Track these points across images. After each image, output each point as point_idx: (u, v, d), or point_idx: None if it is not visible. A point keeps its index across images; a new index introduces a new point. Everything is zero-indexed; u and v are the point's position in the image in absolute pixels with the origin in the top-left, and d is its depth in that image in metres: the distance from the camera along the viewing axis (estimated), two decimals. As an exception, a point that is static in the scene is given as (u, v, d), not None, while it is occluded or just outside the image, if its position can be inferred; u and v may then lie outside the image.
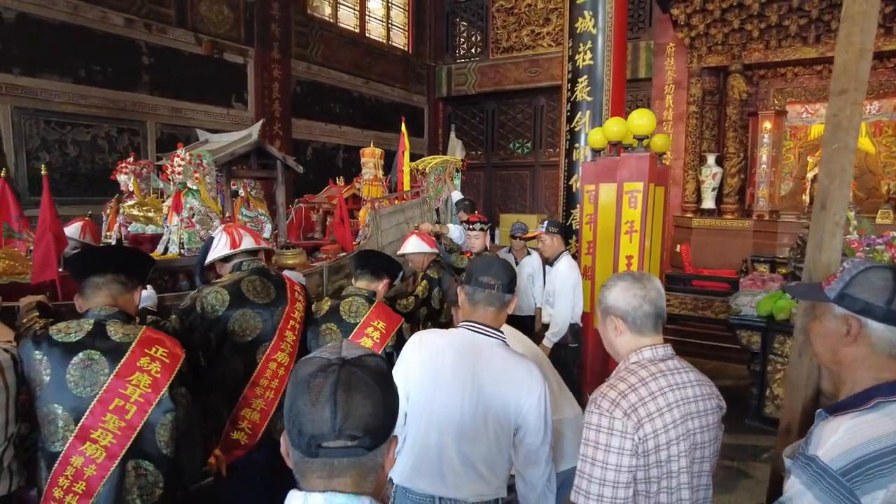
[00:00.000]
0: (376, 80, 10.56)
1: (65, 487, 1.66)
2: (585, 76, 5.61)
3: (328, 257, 3.52)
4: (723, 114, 9.13)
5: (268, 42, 8.24)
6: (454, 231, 5.03)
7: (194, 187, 2.85)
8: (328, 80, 9.60)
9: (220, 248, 2.52)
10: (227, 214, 3.13)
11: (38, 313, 2.05)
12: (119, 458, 1.71)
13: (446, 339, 1.85)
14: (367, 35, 10.47)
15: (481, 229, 4.92)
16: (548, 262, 4.26)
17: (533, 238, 4.34)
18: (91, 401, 1.71)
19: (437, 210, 5.68)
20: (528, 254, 4.75)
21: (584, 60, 5.62)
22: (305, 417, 0.85)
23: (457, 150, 10.66)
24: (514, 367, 1.77)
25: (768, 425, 4.75)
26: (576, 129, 5.69)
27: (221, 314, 2.29)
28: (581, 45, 5.63)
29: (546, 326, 4.07)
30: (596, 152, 5.12)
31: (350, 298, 2.69)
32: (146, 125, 7.09)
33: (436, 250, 4.04)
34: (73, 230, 3.34)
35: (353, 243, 3.84)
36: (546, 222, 4.09)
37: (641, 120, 4.13)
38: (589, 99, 5.60)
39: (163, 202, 3.34)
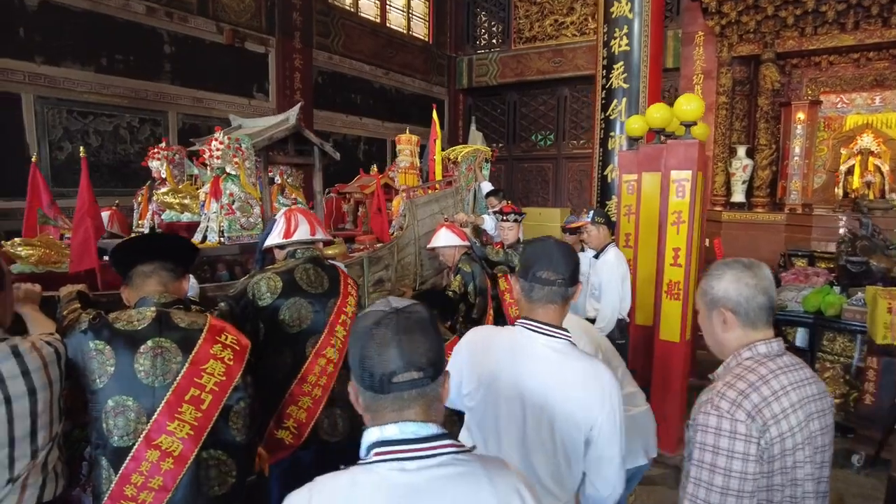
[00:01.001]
0: (397, 70, 10.39)
1: (139, 484, 1.57)
2: (621, 62, 5.42)
3: (365, 248, 3.37)
4: (753, 104, 8.87)
5: (289, 31, 8.11)
6: (488, 222, 4.87)
7: (234, 173, 2.71)
8: (349, 71, 9.45)
9: (275, 235, 2.42)
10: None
11: (79, 304, 1.92)
12: (196, 449, 1.63)
13: (505, 340, 1.64)
14: (388, 25, 10.31)
15: (515, 220, 4.78)
16: (593, 253, 4.06)
17: (577, 229, 4.16)
18: (165, 391, 1.61)
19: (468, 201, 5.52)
20: (583, 250, 4.47)
21: (619, 46, 5.43)
22: (375, 360, 0.98)
23: (477, 143, 10.49)
24: (583, 375, 1.56)
25: (816, 426, 4.55)
26: (611, 118, 5.51)
27: (272, 302, 2.19)
28: (617, 30, 5.44)
29: (591, 321, 3.90)
30: (633, 141, 4.94)
31: None
32: (167, 115, 6.98)
33: (467, 243, 3.89)
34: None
35: (389, 234, 3.70)
36: (592, 212, 3.89)
37: (689, 105, 3.94)
38: (625, 86, 5.42)
39: (197, 189, 3.23)
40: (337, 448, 2.29)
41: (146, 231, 3.19)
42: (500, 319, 4.41)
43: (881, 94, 8.74)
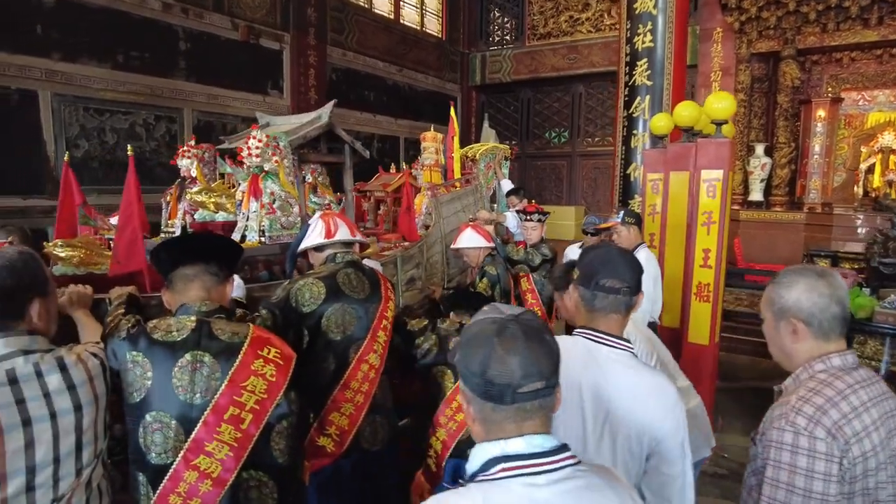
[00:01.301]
0: (410, 67, 10.32)
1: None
2: (645, 59, 5.33)
3: (392, 247, 3.32)
4: (772, 102, 8.74)
5: (304, 27, 8.04)
6: (511, 220, 4.80)
7: (273, 171, 2.65)
8: (363, 68, 9.38)
9: (314, 235, 2.35)
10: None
11: (124, 308, 1.85)
12: (235, 470, 1.53)
13: (567, 349, 1.58)
14: (402, 21, 10.24)
15: (539, 220, 4.70)
16: None
17: (606, 230, 4.07)
18: (204, 409, 1.52)
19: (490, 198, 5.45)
20: None
21: (643, 43, 5.34)
22: (499, 369, 0.95)
23: (490, 140, 10.41)
24: (648, 389, 1.49)
25: (845, 429, 4.47)
26: (634, 115, 5.42)
27: (317, 308, 2.14)
28: (640, 26, 5.35)
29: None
30: (658, 139, 4.86)
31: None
32: (183, 112, 6.94)
33: (492, 244, 3.80)
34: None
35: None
36: (622, 212, 3.79)
37: (721, 103, 3.86)
38: (648, 83, 5.33)
39: (229, 187, 3.17)
40: (376, 457, 2.26)
41: (177, 231, 3.14)
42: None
43: (904, 90, 8.60)
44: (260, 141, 2.59)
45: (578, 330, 1.57)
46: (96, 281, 2.09)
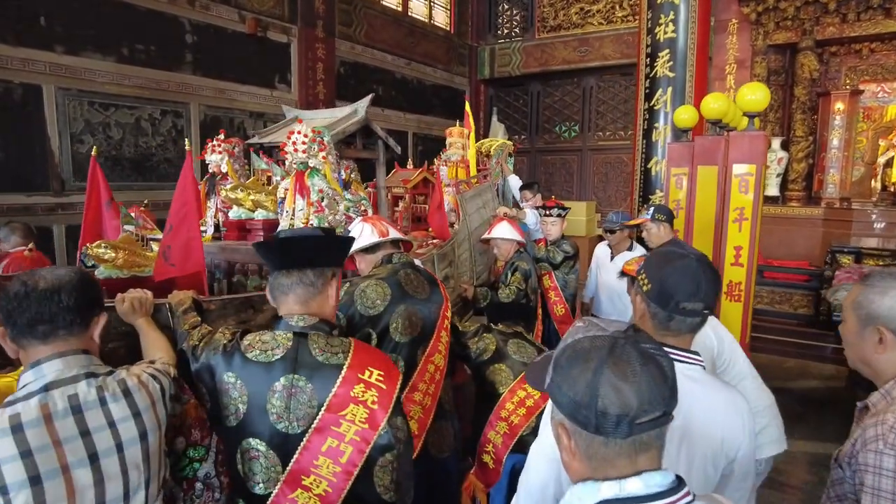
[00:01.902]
0: (418, 60, 10.14)
1: None
2: (667, 50, 5.17)
3: (422, 244, 3.20)
4: (789, 95, 8.57)
5: (312, 20, 7.87)
6: (530, 217, 4.65)
7: (318, 167, 2.52)
8: (371, 61, 9.21)
9: (366, 236, 2.24)
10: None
11: (196, 314, 1.71)
12: None
13: None
14: (410, 13, 10.05)
15: (559, 215, 4.58)
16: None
17: (636, 226, 3.92)
18: (300, 440, 1.37)
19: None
20: (631, 248, 4.23)
21: (665, 33, 5.17)
22: (613, 397, 0.83)
23: (499, 135, 10.23)
24: (723, 406, 1.38)
25: (877, 433, 4.33)
26: (655, 108, 5.26)
27: (384, 310, 2.06)
28: (662, 16, 5.18)
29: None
30: (681, 132, 4.70)
31: (517, 341, 2.57)
32: (189, 107, 6.78)
33: (523, 240, 3.71)
34: None
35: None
36: (652, 208, 3.62)
37: (754, 95, 3.70)
38: (670, 75, 5.17)
39: (263, 184, 3.03)
40: (443, 463, 2.22)
41: (208, 231, 2.98)
42: (546, 319, 4.21)
43: (925, 82, 8.42)
44: (306, 136, 2.46)
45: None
46: (139, 285, 1.94)
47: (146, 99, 6.33)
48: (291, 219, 2.49)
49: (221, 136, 3.07)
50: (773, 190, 8.65)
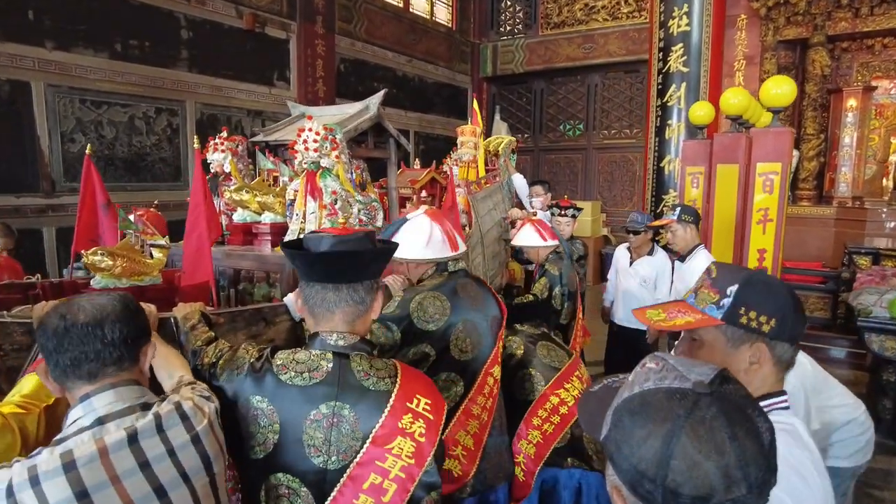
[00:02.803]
0: (420, 58, 9.94)
1: None
2: (680, 44, 4.98)
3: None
4: (799, 91, 8.34)
5: (311, 15, 7.67)
6: (540, 217, 4.47)
7: (331, 167, 2.35)
8: (371, 58, 9.02)
9: (436, 247, 2.01)
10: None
11: (208, 328, 1.54)
12: None
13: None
14: (411, 10, 9.85)
15: (573, 216, 4.44)
16: (678, 256, 3.57)
17: (661, 227, 3.71)
18: (339, 476, 1.21)
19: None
20: (652, 252, 4.03)
21: (678, 27, 4.98)
22: (687, 474, 0.64)
23: (502, 133, 10.04)
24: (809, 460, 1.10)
25: (904, 443, 4.14)
26: (668, 104, 5.07)
27: (443, 324, 1.89)
28: (676, 9, 4.99)
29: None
30: (697, 129, 4.51)
31: (545, 343, 2.44)
32: (185, 105, 6.58)
33: (555, 241, 3.44)
34: None
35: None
36: (678, 208, 3.39)
37: (779, 89, 3.51)
38: (684, 70, 4.98)
39: (269, 184, 2.85)
40: (496, 495, 2.06)
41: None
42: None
43: (939, 79, 8.23)
44: (318, 133, 2.28)
45: (778, 402, 1.12)
46: (140, 295, 1.77)
47: (140, 96, 6.13)
48: (302, 222, 2.33)
49: (224, 134, 2.89)
50: (783, 189, 8.47)
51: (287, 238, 2.34)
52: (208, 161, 2.89)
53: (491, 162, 5.05)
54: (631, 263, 4.03)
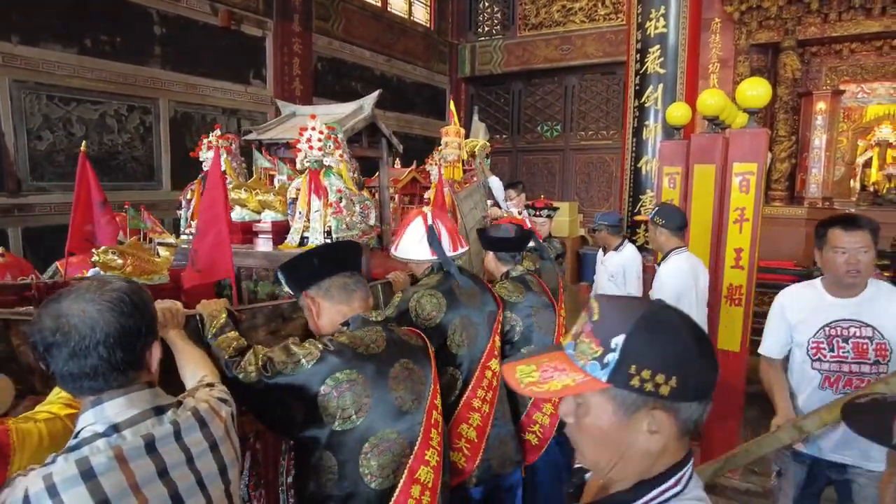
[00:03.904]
0: (398, 57, 9.89)
1: None
2: (657, 46, 5.03)
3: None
4: (772, 94, 8.52)
5: (288, 13, 7.57)
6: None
7: (334, 166, 2.37)
8: (349, 57, 8.94)
9: (446, 245, 2.13)
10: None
11: (235, 331, 1.57)
12: (440, 478, 1.53)
13: None
14: (389, 9, 9.80)
15: (548, 216, 4.51)
16: (656, 259, 3.58)
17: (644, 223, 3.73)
18: (421, 417, 1.48)
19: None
20: (619, 248, 4.16)
21: (656, 28, 5.03)
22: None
23: (480, 134, 10.04)
24: None
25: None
26: (645, 105, 5.12)
27: (440, 321, 1.98)
28: (653, 11, 5.03)
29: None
30: (674, 130, 4.56)
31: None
32: (158, 103, 6.44)
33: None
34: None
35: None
36: (656, 209, 3.39)
37: (755, 90, 3.55)
38: (661, 71, 5.03)
39: (264, 183, 2.85)
40: (506, 478, 2.17)
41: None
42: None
43: (903, 83, 8.47)
44: (321, 133, 2.30)
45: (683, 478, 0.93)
46: (154, 293, 1.78)
47: (111, 93, 5.98)
48: (306, 220, 2.36)
49: (217, 132, 2.85)
50: (756, 190, 8.62)
51: (290, 236, 2.39)
52: (201, 160, 2.84)
53: (468, 162, 5.07)
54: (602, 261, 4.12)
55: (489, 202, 4.99)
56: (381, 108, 9.49)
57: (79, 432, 1.02)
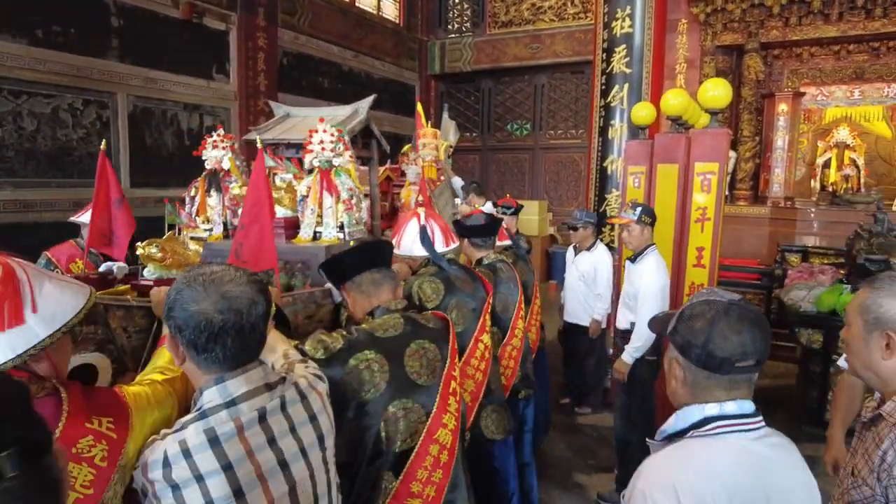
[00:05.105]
0: (366, 53, 9.78)
1: (423, 479, 1.63)
2: (623, 45, 5.04)
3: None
4: (736, 95, 8.67)
5: (252, 7, 7.41)
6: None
7: (345, 165, 2.57)
8: (316, 52, 8.80)
9: (437, 242, 2.44)
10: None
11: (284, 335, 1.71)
12: (458, 439, 1.75)
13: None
14: (357, 4, 9.68)
15: (513, 213, 4.50)
16: (630, 257, 3.53)
17: (621, 226, 3.70)
18: (437, 387, 1.71)
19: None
20: (591, 248, 4.24)
21: (622, 28, 5.04)
22: (721, 344, 1.13)
23: (450, 132, 9.99)
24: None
25: (831, 432, 4.33)
26: (611, 105, 5.13)
27: (439, 303, 2.30)
28: (619, 10, 5.04)
29: (622, 333, 3.47)
30: (639, 130, 4.58)
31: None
32: (116, 97, 6.23)
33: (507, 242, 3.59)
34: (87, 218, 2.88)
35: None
36: (639, 208, 3.34)
37: (716, 91, 3.59)
38: (627, 71, 5.04)
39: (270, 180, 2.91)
40: (500, 445, 2.49)
41: (216, 229, 2.86)
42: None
43: (860, 87, 8.71)
44: (332, 135, 2.51)
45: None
46: None
47: (65, 87, 5.76)
48: (319, 216, 2.57)
49: (221, 132, 2.94)
50: (721, 189, 8.76)
51: (303, 231, 2.63)
52: (204, 158, 2.91)
53: (437, 161, 5.03)
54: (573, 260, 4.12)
55: (457, 200, 4.98)
56: (348, 103, 9.39)
57: (202, 405, 1.14)
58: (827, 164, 9.41)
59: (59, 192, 5.67)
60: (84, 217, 3.11)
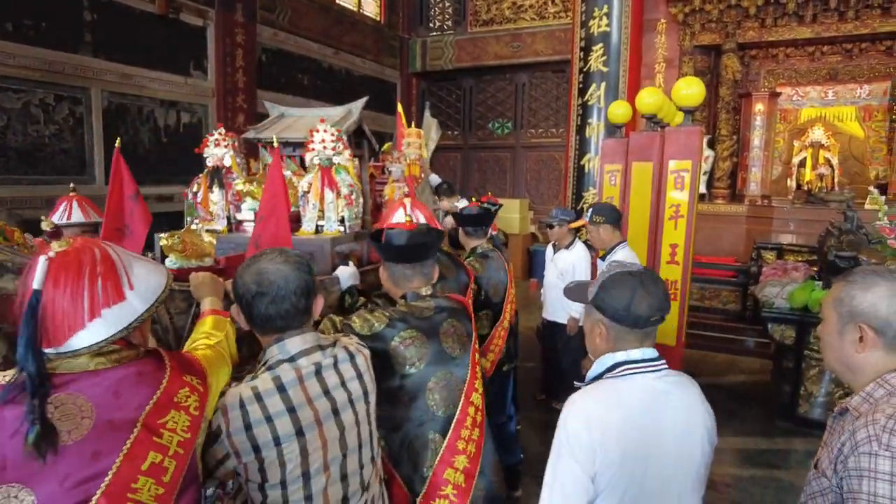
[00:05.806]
0: (347, 50, 9.72)
1: (466, 437, 1.84)
2: (601, 44, 5.08)
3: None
4: (714, 95, 8.77)
5: (230, 3, 7.32)
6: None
7: (344, 163, 2.69)
8: (296, 49, 8.73)
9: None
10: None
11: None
12: (483, 402, 1.95)
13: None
14: (338, 1, 9.62)
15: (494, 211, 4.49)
16: (600, 255, 3.60)
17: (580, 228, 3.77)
18: (467, 359, 1.92)
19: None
20: (570, 246, 4.28)
21: (599, 27, 5.08)
22: (640, 305, 1.37)
23: (432, 129, 9.98)
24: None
25: (803, 426, 4.41)
26: (589, 103, 5.17)
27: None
28: (596, 9, 5.08)
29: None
30: (615, 128, 4.62)
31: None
32: (90, 92, 6.12)
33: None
34: (61, 215, 2.98)
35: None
36: (591, 210, 3.39)
37: (689, 89, 3.63)
38: (604, 69, 5.08)
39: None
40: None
41: (219, 225, 2.88)
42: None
43: (834, 87, 8.87)
44: (333, 135, 2.64)
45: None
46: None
47: (36, 81, 5.65)
48: (320, 211, 2.68)
49: (222, 130, 2.97)
50: (700, 187, 8.84)
51: (305, 224, 2.72)
52: (205, 156, 2.95)
53: (418, 160, 5.04)
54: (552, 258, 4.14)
55: (434, 197, 4.98)
56: (329, 101, 9.32)
57: (268, 359, 1.40)
58: (802, 164, 9.57)
59: (31, 189, 5.57)
60: (56, 217, 3.06)
